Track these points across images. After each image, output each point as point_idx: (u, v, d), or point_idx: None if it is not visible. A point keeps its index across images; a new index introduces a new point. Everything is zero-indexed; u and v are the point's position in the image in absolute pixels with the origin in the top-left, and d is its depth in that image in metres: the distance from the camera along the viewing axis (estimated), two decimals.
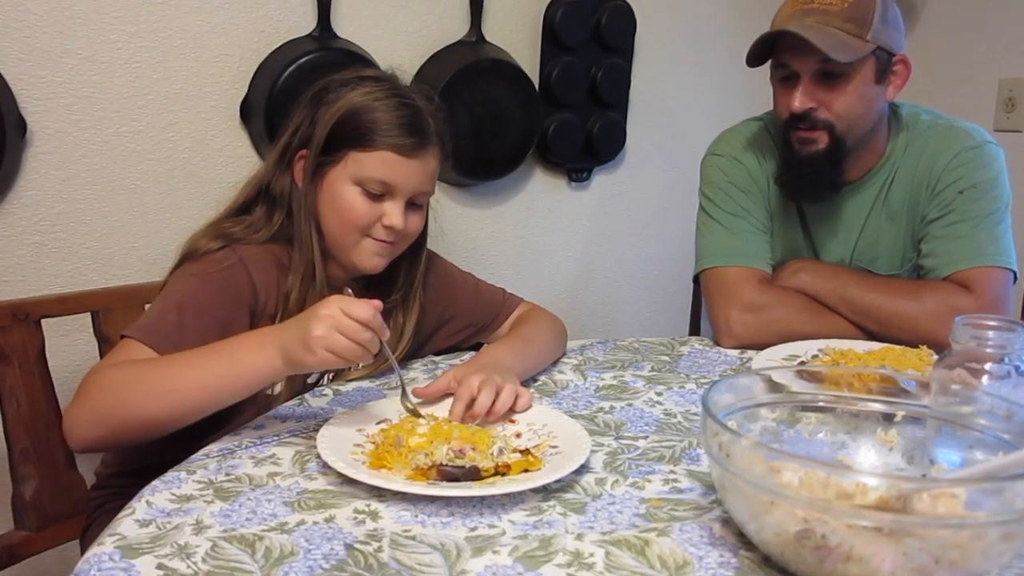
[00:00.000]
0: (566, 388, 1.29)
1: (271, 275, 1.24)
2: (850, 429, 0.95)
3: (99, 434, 1.05)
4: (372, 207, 1.24)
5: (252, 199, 1.30)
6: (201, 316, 1.16)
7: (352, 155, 1.23)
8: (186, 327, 1.14)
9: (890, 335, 1.44)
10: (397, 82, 1.30)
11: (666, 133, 2.44)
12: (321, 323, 0.97)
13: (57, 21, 1.64)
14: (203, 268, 1.21)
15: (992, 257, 1.48)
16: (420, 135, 1.24)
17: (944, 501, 0.72)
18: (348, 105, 1.23)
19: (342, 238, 1.26)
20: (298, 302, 1.23)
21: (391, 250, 1.28)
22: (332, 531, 0.84)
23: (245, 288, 1.21)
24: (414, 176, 1.24)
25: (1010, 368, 0.95)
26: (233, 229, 1.26)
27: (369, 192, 1.23)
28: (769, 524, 0.75)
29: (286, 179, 1.28)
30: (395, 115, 1.23)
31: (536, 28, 2.14)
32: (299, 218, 1.26)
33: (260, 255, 1.24)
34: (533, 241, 2.31)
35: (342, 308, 0.98)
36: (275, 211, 1.28)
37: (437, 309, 1.43)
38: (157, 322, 1.15)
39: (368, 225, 1.24)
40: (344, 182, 1.24)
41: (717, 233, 1.59)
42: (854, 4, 1.44)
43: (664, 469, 1.00)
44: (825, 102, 1.47)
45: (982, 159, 1.52)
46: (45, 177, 1.67)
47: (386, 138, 1.22)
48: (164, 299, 1.20)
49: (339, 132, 1.23)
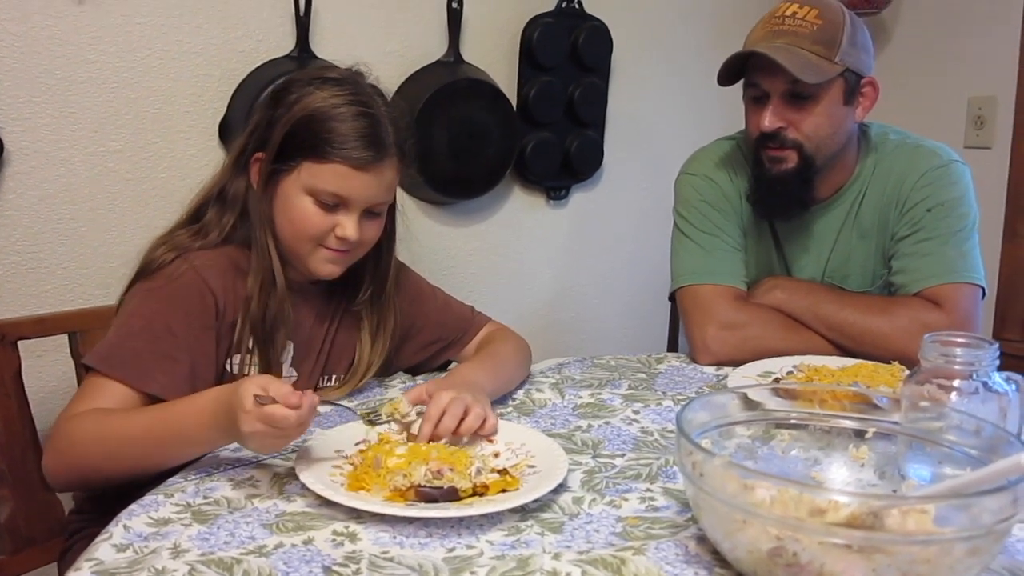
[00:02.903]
0: (544, 406, 1.30)
1: (228, 279, 1.22)
2: (823, 446, 0.97)
3: (72, 482, 1.14)
4: (325, 218, 1.21)
5: (205, 202, 1.27)
6: (161, 339, 1.15)
7: (306, 165, 1.20)
8: (149, 353, 1.14)
9: (863, 351, 1.46)
10: (360, 85, 1.25)
11: (643, 151, 2.46)
12: (245, 422, 0.94)
13: (36, 40, 1.64)
14: (158, 285, 1.19)
15: (961, 273, 1.50)
16: (377, 148, 1.20)
17: (914, 517, 0.74)
18: (305, 111, 1.19)
19: (296, 246, 1.24)
20: (260, 308, 1.22)
21: (346, 258, 1.26)
22: (310, 553, 0.84)
23: (205, 298, 1.20)
24: (368, 189, 1.21)
25: (978, 384, 0.97)
26: (185, 238, 1.24)
27: (322, 203, 1.20)
28: (742, 542, 0.76)
29: (242, 181, 1.25)
30: (352, 126, 1.19)
31: (513, 48, 2.16)
32: (255, 223, 1.24)
33: (214, 260, 1.22)
34: (511, 259, 2.32)
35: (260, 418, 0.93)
36: (226, 212, 1.25)
37: (405, 322, 1.41)
38: (119, 350, 1.14)
39: (321, 235, 1.22)
40: (297, 191, 1.21)
41: (692, 251, 1.61)
42: (823, 27, 1.47)
43: (641, 487, 1.01)
44: (794, 122, 1.49)
45: (949, 177, 1.55)
46: (22, 197, 1.67)
47: (341, 150, 1.18)
48: (122, 321, 1.19)
49: (294, 139, 1.20)
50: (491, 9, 2.13)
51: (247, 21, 1.84)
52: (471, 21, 2.10)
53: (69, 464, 1.09)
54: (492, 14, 2.13)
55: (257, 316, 1.22)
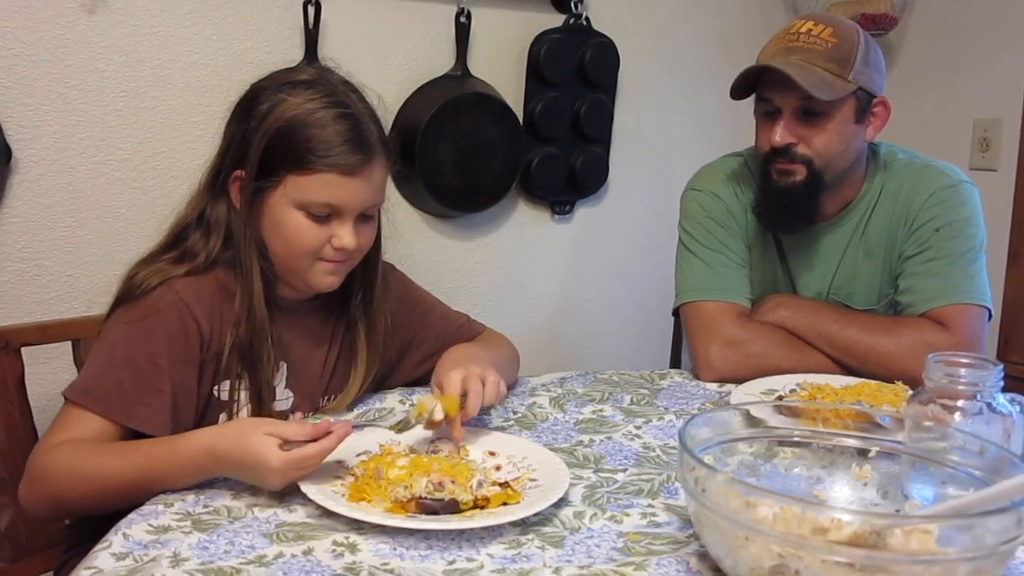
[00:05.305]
0: (546, 421, 1.29)
1: (215, 305, 1.18)
2: (826, 464, 0.97)
3: (48, 513, 1.10)
4: (320, 230, 1.15)
5: (186, 226, 1.22)
6: (145, 371, 1.11)
7: (291, 178, 1.13)
8: (132, 386, 1.10)
9: (867, 370, 1.46)
10: (332, 84, 1.18)
11: (648, 167, 2.46)
12: (275, 476, 0.95)
13: (46, 49, 1.65)
14: (140, 313, 1.14)
15: (967, 294, 1.50)
16: (363, 150, 1.14)
17: (917, 537, 0.74)
18: (280, 121, 1.13)
19: (292, 264, 1.19)
20: (247, 332, 1.17)
21: (345, 267, 1.21)
22: (311, 564, 0.84)
23: (188, 329, 1.15)
24: (361, 194, 1.16)
25: (982, 405, 0.96)
26: (168, 263, 1.19)
27: (314, 215, 1.15)
28: (744, 559, 0.76)
29: (222, 203, 1.19)
30: (334, 131, 1.12)
31: (521, 63, 2.17)
32: (240, 245, 1.17)
33: (199, 287, 1.18)
34: (516, 273, 2.32)
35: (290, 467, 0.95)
36: (211, 236, 1.19)
37: (407, 334, 1.39)
38: (100, 381, 1.10)
39: (318, 249, 1.17)
40: (286, 207, 1.15)
41: (696, 267, 1.61)
42: (837, 45, 1.47)
43: (642, 503, 1.01)
44: (805, 138, 1.50)
45: (958, 198, 1.55)
46: (29, 204, 1.67)
47: (326, 158, 1.12)
48: (104, 351, 1.14)
49: (274, 152, 1.13)
50: (499, 24, 2.14)
51: (256, 32, 1.85)
52: (479, 35, 2.11)
53: (43, 495, 1.07)
54: (500, 29, 2.14)
55: (244, 340, 1.17)
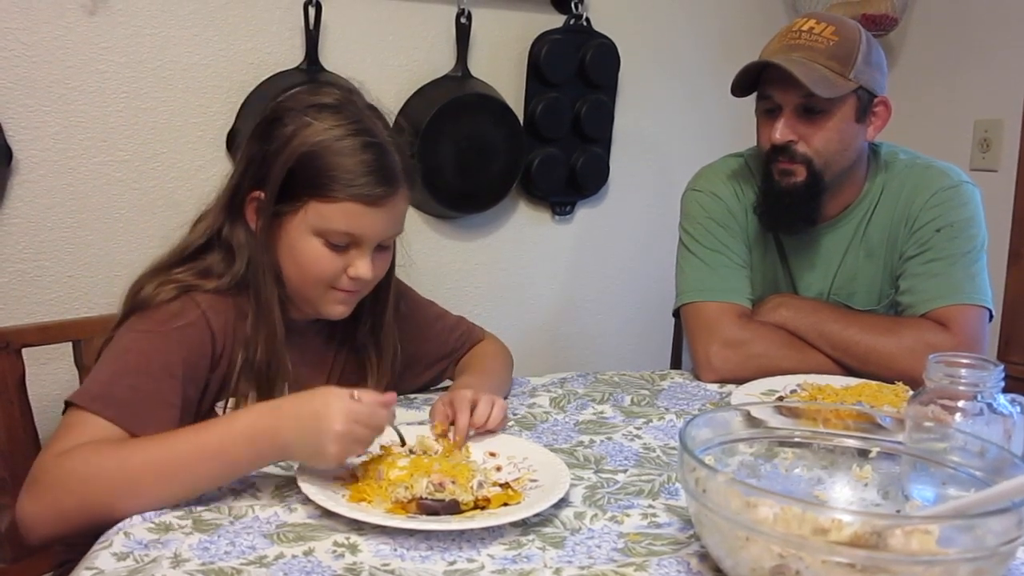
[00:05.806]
0: (546, 421, 1.29)
1: (230, 323, 1.15)
2: (826, 465, 0.97)
3: (61, 531, 0.97)
4: (337, 259, 1.13)
5: (206, 242, 1.18)
6: (161, 379, 1.07)
7: (313, 204, 1.11)
8: (145, 393, 1.04)
9: (868, 371, 1.46)
10: (359, 110, 1.16)
11: (649, 168, 2.46)
12: (338, 441, 0.94)
13: (47, 50, 1.65)
14: (156, 323, 1.10)
15: (968, 295, 1.50)
16: (388, 181, 1.12)
17: (917, 537, 0.74)
18: (305, 146, 1.10)
19: (305, 290, 1.16)
20: (264, 354, 1.15)
21: (357, 297, 1.19)
22: (311, 564, 0.84)
23: (206, 341, 1.13)
24: (382, 224, 1.14)
25: (983, 405, 0.97)
26: (186, 276, 1.15)
27: (333, 244, 1.12)
28: (745, 560, 0.76)
29: (240, 224, 1.16)
30: (359, 160, 1.10)
31: (521, 64, 2.17)
32: (257, 267, 1.15)
33: (221, 304, 1.15)
34: (516, 273, 2.32)
35: (355, 419, 0.95)
36: (235, 260, 1.16)
37: (412, 349, 1.37)
38: (110, 388, 1.04)
39: (334, 278, 1.14)
40: (305, 233, 1.12)
41: (696, 268, 1.61)
42: (839, 43, 1.47)
43: (643, 503, 1.01)
44: (805, 136, 1.49)
45: (959, 199, 1.54)
46: (29, 205, 1.68)
47: (350, 188, 1.09)
48: (115, 358, 1.09)
49: (297, 177, 1.11)
50: (499, 25, 2.14)
51: (256, 33, 1.85)
52: (479, 36, 2.11)
53: (60, 510, 0.96)
54: (500, 30, 2.14)
55: (260, 360, 1.15)
